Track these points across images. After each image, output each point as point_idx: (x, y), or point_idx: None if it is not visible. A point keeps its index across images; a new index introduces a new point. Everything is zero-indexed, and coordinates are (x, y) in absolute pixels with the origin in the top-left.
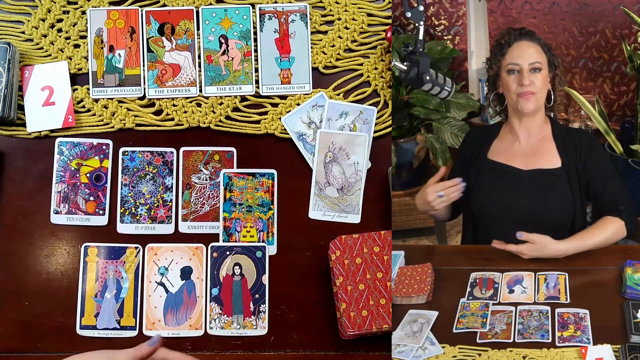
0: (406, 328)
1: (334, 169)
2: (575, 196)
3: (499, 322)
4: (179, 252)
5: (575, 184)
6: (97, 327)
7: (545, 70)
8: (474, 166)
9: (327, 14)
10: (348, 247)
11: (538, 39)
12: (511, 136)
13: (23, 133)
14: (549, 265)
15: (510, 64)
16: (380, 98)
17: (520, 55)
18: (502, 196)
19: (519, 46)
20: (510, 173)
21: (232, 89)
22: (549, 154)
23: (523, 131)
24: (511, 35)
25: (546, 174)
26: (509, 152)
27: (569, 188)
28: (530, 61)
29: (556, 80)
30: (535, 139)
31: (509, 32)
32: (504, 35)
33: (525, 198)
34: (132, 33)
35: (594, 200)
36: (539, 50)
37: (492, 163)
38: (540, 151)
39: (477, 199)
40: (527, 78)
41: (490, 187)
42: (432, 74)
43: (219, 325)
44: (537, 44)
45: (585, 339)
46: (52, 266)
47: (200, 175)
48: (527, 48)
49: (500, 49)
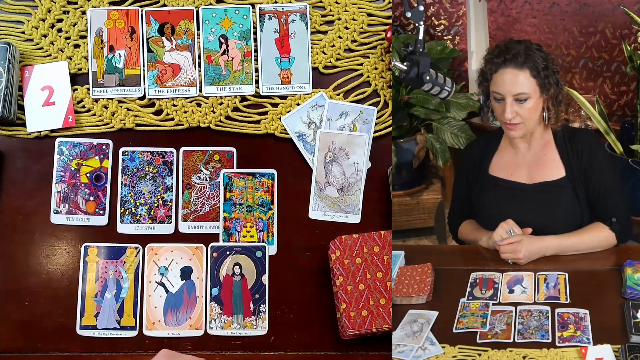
0: (406, 328)
1: (334, 169)
2: (583, 205)
3: (499, 322)
4: (179, 252)
5: (581, 192)
6: (97, 327)
7: (533, 99)
8: (476, 182)
9: (327, 14)
10: (348, 247)
11: (525, 62)
12: (512, 148)
13: (23, 133)
14: (549, 265)
15: (494, 92)
16: (380, 98)
17: (503, 84)
18: (507, 213)
19: (502, 74)
20: (514, 189)
21: (232, 89)
22: (552, 163)
23: (523, 143)
24: (493, 63)
25: (551, 187)
26: (511, 166)
27: (576, 198)
28: (514, 92)
29: (549, 103)
30: (536, 148)
31: (491, 59)
32: (487, 62)
33: (531, 213)
34: (132, 33)
35: (592, 206)
36: (527, 76)
37: (495, 180)
38: (543, 161)
39: (482, 214)
40: (509, 111)
41: (494, 204)
42: (432, 74)
43: (219, 325)
44: (526, 69)
45: (585, 339)
46: (52, 266)
47: (200, 175)
48: (511, 77)
49: (484, 76)
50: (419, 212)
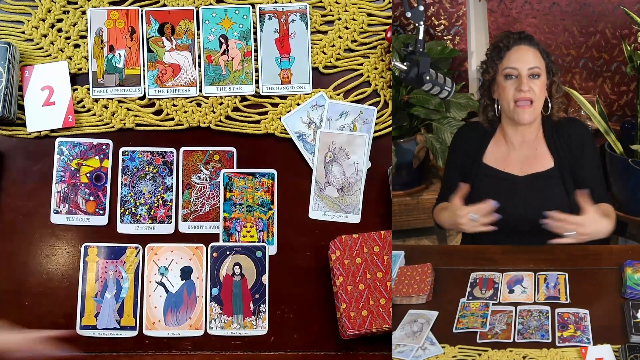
0: (406, 328)
1: (334, 169)
2: (570, 195)
3: (499, 322)
4: (179, 252)
5: (569, 182)
6: (97, 327)
7: (544, 77)
8: (471, 170)
9: (327, 14)
10: (348, 247)
11: (537, 44)
12: (505, 143)
13: (23, 133)
14: (549, 265)
15: (508, 67)
16: (380, 98)
17: (519, 59)
18: (499, 202)
19: (518, 50)
20: (507, 180)
21: (232, 89)
22: (542, 156)
23: (518, 138)
24: (510, 38)
25: (541, 177)
26: (505, 159)
27: (564, 188)
28: (530, 66)
29: (553, 88)
30: (529, 143)
31: (507, 35)
32: (502, 38)
33: (522, 203)
34: (132, 33)
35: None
36: (538, 55)
37: (489, 169)
38: (534, 155)
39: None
40: (525, 84)
41: (488, 192)
42: (432, 74)
43: (219, 325)
44: (536, 49)
45: (585, 339)
46: (52, 266)
47: (200, 175)
48: (526, 52)
49: (497, 52)
50: (419, 212)
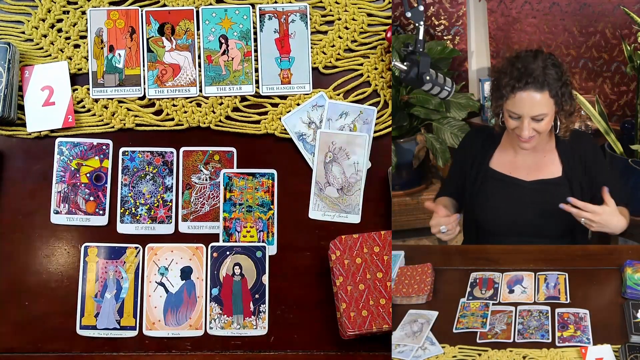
0: (406, 328)
1: (334, 169)
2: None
3: (499, 322)
4: (179, 252)
5: (577, 191)
6: (97, 327)
7: (550, 114)
8: (477, 173)
9: (327, 14)
10: (348, 247)
11: (546, 84)
12: (512, 149)
13: (23, 133)
14: (549, 265)
15: (510, 111)
16: (380, 98)
17: (522, 107)
18: (505, 206)
19: (521, 96)
20: (513, 185)
21: (232, 89)
22: (551, 164)
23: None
24: (514, 86)
25: (548, 184)
26: (512, 165)
27: (571, 195)
28: (533, 114)
29: (563, 116)
30: (538, 153)
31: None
32: (510, 83)
33: (527, 209)
34: (132, 33)
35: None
36: (545, 97)
37: (495, 173)
38: (543, 162)
39: (481, 206)
40: (526, 129)
41: (493, 196)
42: (432, 74)
43: (219, 325)
44: (545, 90)
45: (585, 339)
46: (52, 266)
47: (200, 175)
48: (530, 99)
49: (499, 95)
50: (419, 212)
